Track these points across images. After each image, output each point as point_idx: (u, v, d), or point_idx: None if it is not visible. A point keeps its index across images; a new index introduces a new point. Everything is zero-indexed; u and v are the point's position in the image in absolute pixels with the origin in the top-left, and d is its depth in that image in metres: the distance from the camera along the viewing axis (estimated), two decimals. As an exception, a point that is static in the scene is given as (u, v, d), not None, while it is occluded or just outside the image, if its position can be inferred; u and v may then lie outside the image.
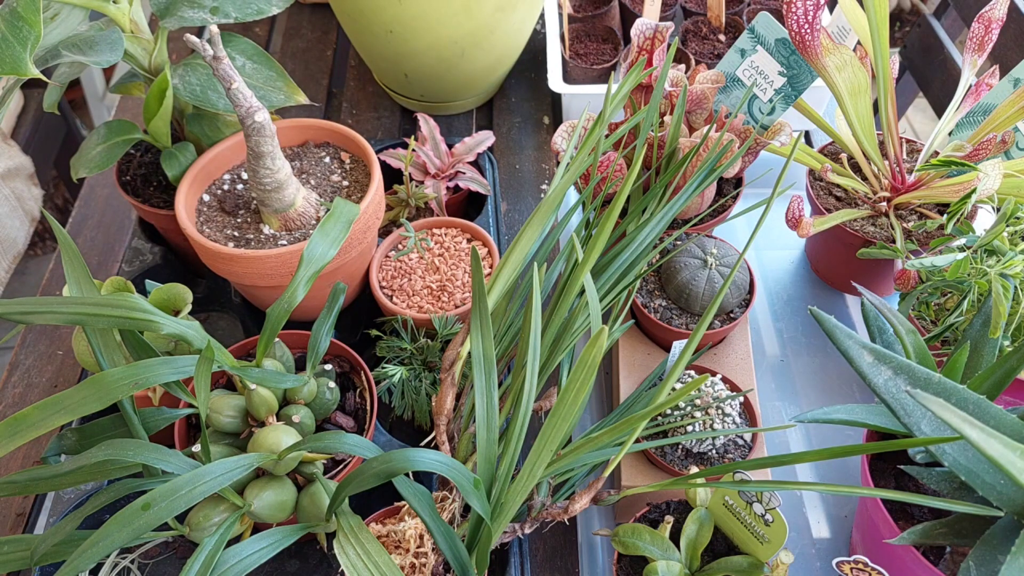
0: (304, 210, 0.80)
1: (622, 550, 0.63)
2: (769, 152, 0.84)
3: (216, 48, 0.65)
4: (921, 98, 1.42)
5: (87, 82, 1.86)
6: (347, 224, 0.71)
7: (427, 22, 0.99)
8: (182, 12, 0.77)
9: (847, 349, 0.58)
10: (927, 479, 0.59)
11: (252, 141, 0.72)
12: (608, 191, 0.81)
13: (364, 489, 0.55)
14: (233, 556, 0.55)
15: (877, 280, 0.92)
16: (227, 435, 0.69)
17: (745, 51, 0.84)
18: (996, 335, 0.64)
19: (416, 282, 0.86)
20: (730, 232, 1.03)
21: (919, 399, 0.44)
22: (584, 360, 0.52)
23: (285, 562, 0.76)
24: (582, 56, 1.17)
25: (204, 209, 0.84)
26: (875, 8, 0.76)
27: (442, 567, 0.62)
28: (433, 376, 0.79)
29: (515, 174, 1.13)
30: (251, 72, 0.83)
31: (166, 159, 0.83)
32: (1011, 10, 1.12)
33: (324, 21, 1.37)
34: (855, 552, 0.74)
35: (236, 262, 0.77)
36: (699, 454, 0.73)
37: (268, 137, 0.72)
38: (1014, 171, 0.76)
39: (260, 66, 0.84)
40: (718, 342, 0.84)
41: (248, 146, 0.73)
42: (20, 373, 0.93)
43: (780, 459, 0.54)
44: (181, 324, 0.61)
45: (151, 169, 0.92)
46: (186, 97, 0.80)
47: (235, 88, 0.68)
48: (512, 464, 0.57)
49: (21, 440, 0.55)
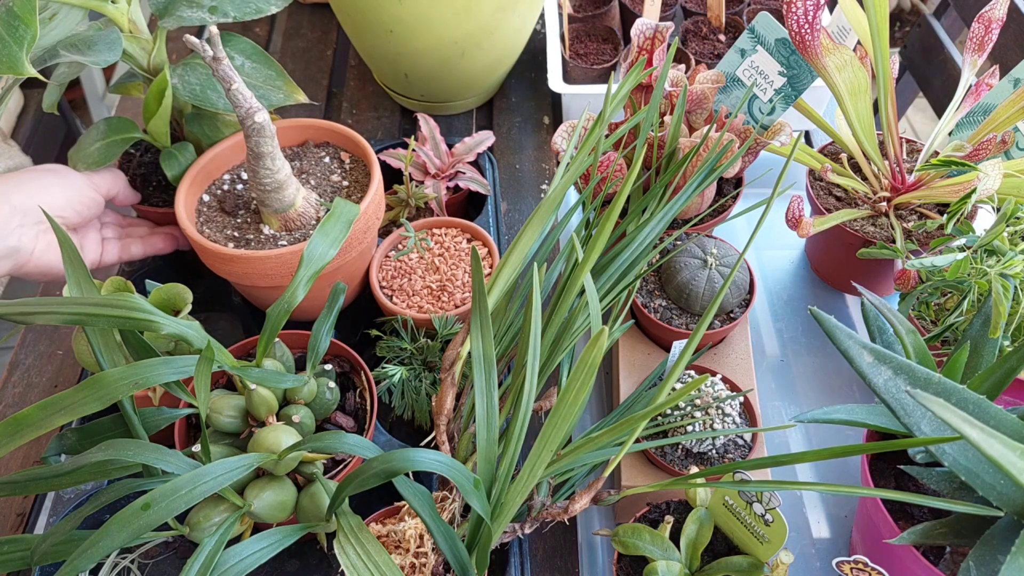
0: (304, 210, 0.80)
1: (622, 550, 0.63)
2: (769, 152, 0.84)
3: (216, 49, 0.65)
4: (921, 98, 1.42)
5: (87, 82, 1.86)
6: (347, 224, 0.71)
7: (427, 22, 0.99)
8: (180, 12, 0.77)
9: (847, 349, 0.58)
10: (927, 479, 0.59)
11: (252, 142, 0.72)
12: (608, 191, 0.81)
13: (364, 489, 0.55)
14: (233, 556, 0.55)
15: (877, 280, 0.92)
16: (227, 435, 0.69)
17: (745, 51, 0.84)
18: (996, 335, 0.64)
19: (416, 282, 0.86)
20: (730, 232, 1.03)
21: (919, 399, 0.44)
22: (584, 360, 0.52)
23: (285, 562, 0.76)
24: (582, 56, 1.17)
25: (204, 209, 0.84)
26: (875, 8, 0.76)
27: (442, 567, 0.62)
28: (433, 376, 0.79)
29: (515, 174, 1.13)
30: (250, 71, 0.83)
31: (165, 159, 0.83)
32: (1011, 10, 1.12)
33: (324, 21, 1.37)
34: (855, 552, 0.74)
35: (236, 262, 0.77)
36: (699, 454, 0.73)
37: (268, 138, 0.72)
38: (1014, 171, 0.76)
39: (259, 65, 0.84)
40: (718, 342, 0.84)
41: (248, 146, 0.73)
42: (20, 373, 0.93)
43: (780, 459, 0.54)
44: (181, 324, 0.61)
45: (151, 169, 0.92)
46: (185, 97, 0.80)
47: (235, 89, 0.68)
48: (512, 464, 0.57)
49: (21, 440, 0.55)
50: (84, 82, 1.86)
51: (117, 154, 0.82)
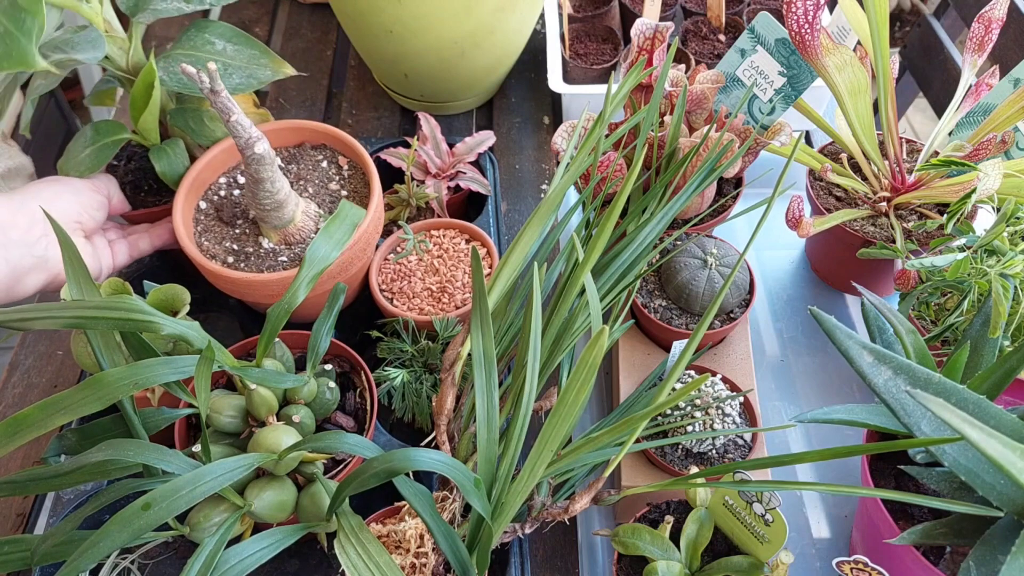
0: (304, 224, 0.80)
1: (622, 550, 0.63)
2: (769, 152, 0.84)
3: (214, 82, 0.65)
4: (921, 98, 1.42)
5: (87, 82, 1.86)
6: (351, 227, 0.71)
7: (427, 22, 0.99)
8: (155, 5, 0.75)
9: (847, 349, 0.58)
10: (927, 479, 0.59)
11: (252, 169, 0.72)
12: (608, 191, 0.81)
13: (364, 489, 0.55)
14: (233, 556, 0.55)
15: (877, 280, 0.92)
16: (227, 435, 0.69)
17: (745, 51, 0.84)
18: (996, 335, 0.64)
19: (416, 284, 0.86)
20: (730, 232, 1.03)
21: (919, 399, 0.44)
22: (585, 360, 0.52)
23: (285, 562, 0.76)
24: (582, 56, 1.17)
25: (201, 218, 0.83)
26: (875, 8, 0.76)
27: (442, 567, 0.62)
28: (434, 378, 0.79)
29: (515, 174, 1.13)
30: (233, 54, 0.81)
31: (155, 154, 0.82)
32: (1011, 10, 1.12)
33: (324, 21, 1.37)
34: (855, 552, 0.74)
35: (237, 284, 0.77)
36: (699, 454, 0.73)
37: (267, 165, 0.72)
38: (1014, 171, 0.76)
39: (241, 46, 0.82)
40: (718, 342, 0.84)
41: (248, 172, 0.73)
42: (20, 373, 0.93)
43: (780, 459, 0.54)
44: (181, 324, 0.61)
45: (139, 175, 0.91)
46: (174, 86, 0.78)
47: (234, 120, 0.68)
48: (512, 464, 0.57)
49: (21, 440, 0.55)
50: (84, 82, 1.86)
51: (109, 157, 0.81)
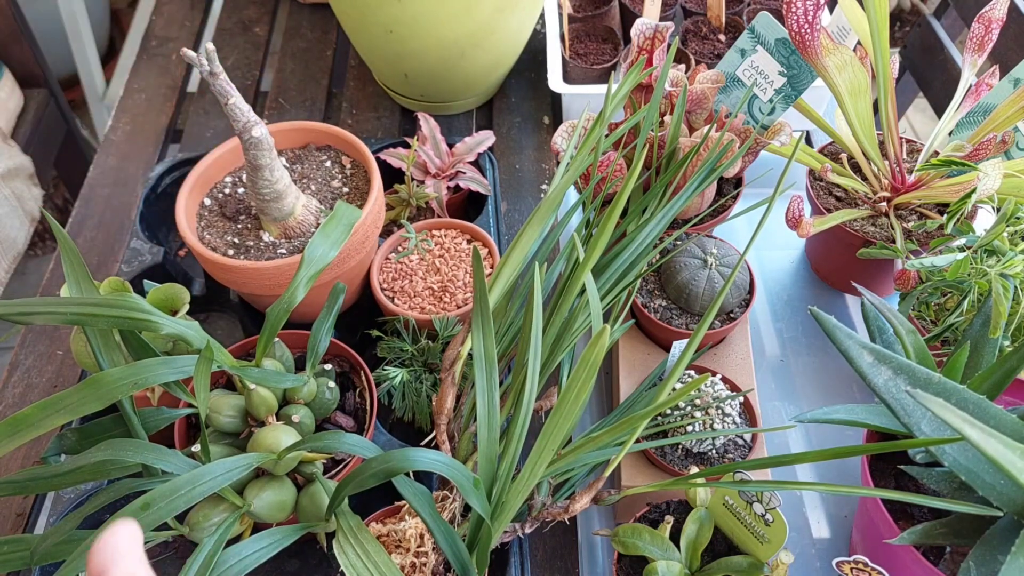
0: (304, 218, 0.80)
1: (622, 550, 0.63)
2: (769, 152, 0.84)
3: (213, 64, 0.65)
4: (921, 98, 1.42)
5: (87, 82, 1.86)
6: (348, 227, 0.71)
7: (427, 22, 0.99)
8: None
9: (847, 349, 0.58)
10: (927, 479, 0.59)
11: (250, 155, 0.72)
12: (608, 191, 0.81)
13: (364, 489, 0.55)
14: (233, 556, 0.55)
15: (877, 280, 0.92)
16: (227, 435, 0.69)
17: (745, 51, 0.84)
18: (996, 335, 0.64)
19: (417, 283, 0.86)
20: (730, 232, 1.03)
21: (919, 399, 0.44)
22: (585, 360, 0.52)
23: (285, 562, 0.76)
24: (582, 56, 1.17)
25: (205, 214, 0.84)
26: (875, 8, 0.76)
27: (442, 567, 0.62)
28: (434, 378, 0.79)
29: (515, 174, 1.13)
30: None
31: None
32: (1011, 10, 1.12)
33: (324, 21, 1.37)
34: (855, 552, 0.73)
35: (234, 272, 0.77)
36: (699, 454, 0.73)
37: (265, 151, 0.72)
38: (1014, 171, 0.76)
39: None
40: (718, 342, 0.84)
41: (246, 159, 0.73)
42: (20, 373, 0.93)
43: (780, 459, 0.54)
44: (180, 324, 0.61)
45: None
46: None
47: (232, 103, 0.68)
48: (513, 463, 0.57)
49: (21, 440, 0.55)
50: (84, 82, 1.86)
51: None
